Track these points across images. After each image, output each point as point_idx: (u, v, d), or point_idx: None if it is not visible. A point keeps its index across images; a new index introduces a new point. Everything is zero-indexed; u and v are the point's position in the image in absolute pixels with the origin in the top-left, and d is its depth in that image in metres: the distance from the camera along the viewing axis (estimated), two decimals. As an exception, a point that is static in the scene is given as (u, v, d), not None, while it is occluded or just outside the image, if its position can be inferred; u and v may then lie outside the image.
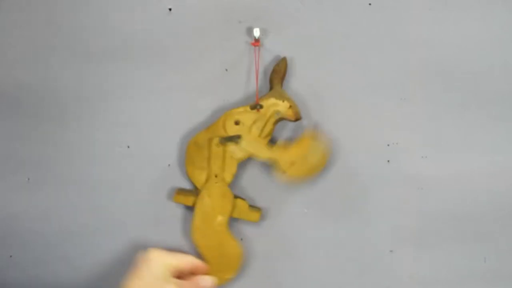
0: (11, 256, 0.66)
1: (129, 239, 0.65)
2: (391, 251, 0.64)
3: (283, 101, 0.58)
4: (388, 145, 0.62)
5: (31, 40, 0.62)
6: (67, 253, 0.66)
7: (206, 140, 0.59)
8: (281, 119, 0.59)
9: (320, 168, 0.60)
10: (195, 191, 0.62)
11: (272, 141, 0.60)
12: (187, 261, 0.59)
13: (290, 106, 0.58)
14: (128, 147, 0.63)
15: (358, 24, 0.60)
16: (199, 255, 0.62)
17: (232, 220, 0.63)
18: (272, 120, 0.58)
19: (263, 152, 0.59)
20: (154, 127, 0.63)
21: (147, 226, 0.65)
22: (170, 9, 0.60)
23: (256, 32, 0.58)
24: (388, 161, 0.62)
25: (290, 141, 0.61)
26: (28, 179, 0.64)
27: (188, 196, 0.62)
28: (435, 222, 0.63)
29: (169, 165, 0.63)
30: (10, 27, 0.62)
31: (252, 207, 0.62)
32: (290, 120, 0.59)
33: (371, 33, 0.60)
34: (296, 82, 0.61)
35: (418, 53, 0.60)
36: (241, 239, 0.64)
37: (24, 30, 0.62)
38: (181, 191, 0.62)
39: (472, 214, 0.62)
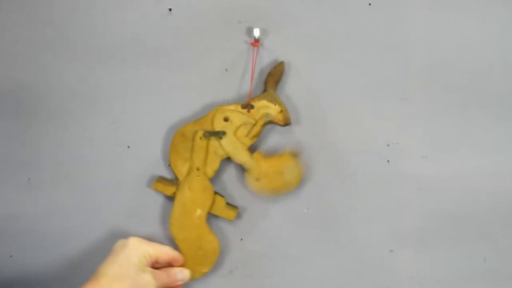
0: (11, 256, 0.66)
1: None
2: (391, 251, 0.64)
3: (275, 105, 0.58)
4: (388, 145, 0.62)
5: (31, 40, 0.62)
6: (67, 253, 0.66)
7: (192, 132, 0.60)
8: (270, 122, 0.59)
9: (289, 189, 0.60)
10: (176, 182, 0.62)
11: (254, 147, 0.60)
12: (165, 252, 0.60)
13: (281, 111, 0.58)
14: (128, 147, 0.63)
15: (358, 24, 0.60)
16: (176, 247, 0.62)
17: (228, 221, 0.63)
18: (261, 122, 0.59)
19: (240, 156, 0.59)
20: (154, 127, 0.63)
21: (147, 226, 0.64)
22: (170, 9, 0.60)
23: (256, 32, 0.58)
24: (388, 161, 0.62)
25: (270, 153, 0.61)
26: (28, 179, 0.64)
27: (168, 185, 0.62)
28: (435, 222, 0.63)
29: (169, 165, 0.63)
30: (10, 27, 0.62)
31: (229, 205, 0.62)
32: (279, 125, 0.59)
33: (371, 33, 0.60)
34: (296, 82, 0.61)
35: (418, 53, 0.60)
36: (241, 239, 0.64)
37: (24, 30, 0.62)
38: (161, 179, 0.62)
39: (472, 214, 0.62)
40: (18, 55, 0.62)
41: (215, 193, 0.62)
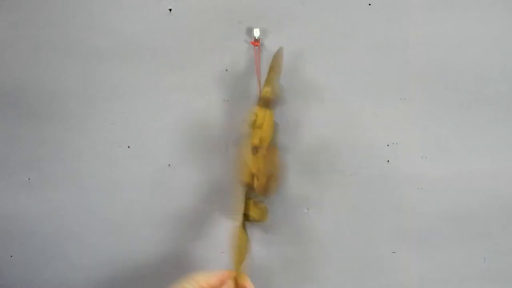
0: (11, 256, 0.66)
1: (130, 239, 0.65)
2: (391, 251, 0.64)
3: (267, 86, 0.58)
4: (388, 145, 0.62)
5: (31, 40, 0.62)
6: (67, 253, 0.66)
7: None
8: (266, 101, 0.58)
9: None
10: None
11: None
12: (214, 275, 0.56)
13: (270, 86, 0.58)
14: (128, 147, 0.63)
15: (358, 24, 0.60)
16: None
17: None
18: (266, 110, 0.58)
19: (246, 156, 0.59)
20: (154, 127, 0.63)
21: (148, 226, 0.65)
22: (170, 10, 0.60)
23: (256, 32, 0.58)
24: (388, 161, 0.62)
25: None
26: (28, 179, 0.64)
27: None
28: (435, 222, 0.63)
29: (169, 165, 0.63)
30: (10, 27, 0.62)
31: (257, 203, 0.62)
32: (269, 102, 0.58)
33: (371, 33, 0.60)
34: (295, 82, 0.61)
35: (418, 53, 0.60)
36: (241, 239, 0.64)
37: (24, 30, 0.62)
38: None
39: (472, 214, 0.62)
40: (18, 55, 0.62)
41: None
